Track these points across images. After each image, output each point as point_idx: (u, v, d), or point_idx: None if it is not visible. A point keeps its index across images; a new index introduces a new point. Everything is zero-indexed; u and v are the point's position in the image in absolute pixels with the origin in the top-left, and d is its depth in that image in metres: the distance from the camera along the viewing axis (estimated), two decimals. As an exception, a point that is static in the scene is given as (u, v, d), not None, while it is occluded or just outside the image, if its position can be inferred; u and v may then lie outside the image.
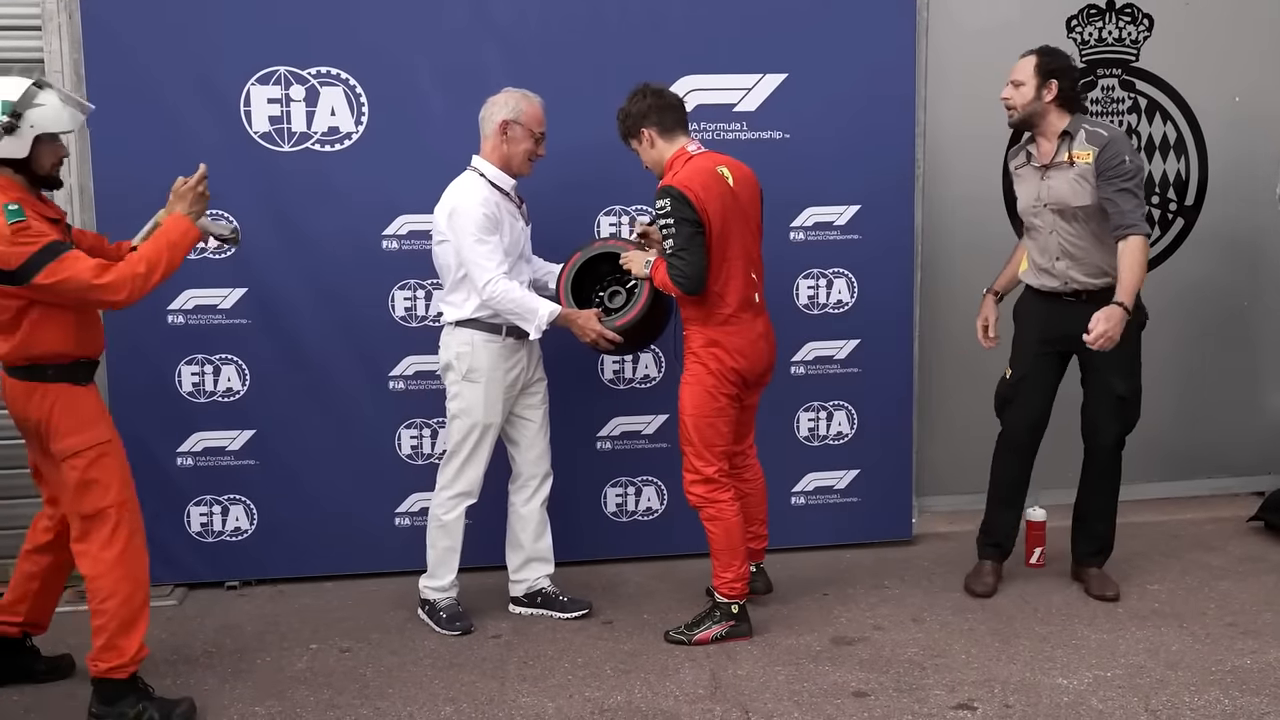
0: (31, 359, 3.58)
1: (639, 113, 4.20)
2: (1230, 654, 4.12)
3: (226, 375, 4.78)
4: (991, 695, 3.84)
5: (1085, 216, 4.38)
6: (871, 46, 4.97)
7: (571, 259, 4.44)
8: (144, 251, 3.64)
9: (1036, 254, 4.55)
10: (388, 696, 3.89)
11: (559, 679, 4.00)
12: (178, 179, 3.80)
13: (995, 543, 4.79)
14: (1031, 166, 4.52)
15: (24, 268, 3.44)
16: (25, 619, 3.95)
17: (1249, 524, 5.47)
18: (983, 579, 4.74)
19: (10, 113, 3.51)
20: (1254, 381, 5.93)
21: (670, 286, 4.10)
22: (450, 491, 4.40)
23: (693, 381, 4.21)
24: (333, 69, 4.68)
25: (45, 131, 3.57)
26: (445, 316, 4.40)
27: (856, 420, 5.21)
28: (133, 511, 3.71)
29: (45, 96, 3.57)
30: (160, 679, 3.97)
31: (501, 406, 4.38)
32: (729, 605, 4.27)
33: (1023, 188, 4.59)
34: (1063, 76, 4.38)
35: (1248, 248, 5.81)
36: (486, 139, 4.32)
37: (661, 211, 4.05)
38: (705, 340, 4.19)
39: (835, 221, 5.06)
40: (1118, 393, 4.52)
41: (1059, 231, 4.45)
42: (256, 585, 4.90)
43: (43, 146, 3.58)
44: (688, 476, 4.26)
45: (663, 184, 4.08)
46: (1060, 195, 4.40)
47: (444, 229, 4.26)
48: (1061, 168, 4.40)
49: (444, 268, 4.35)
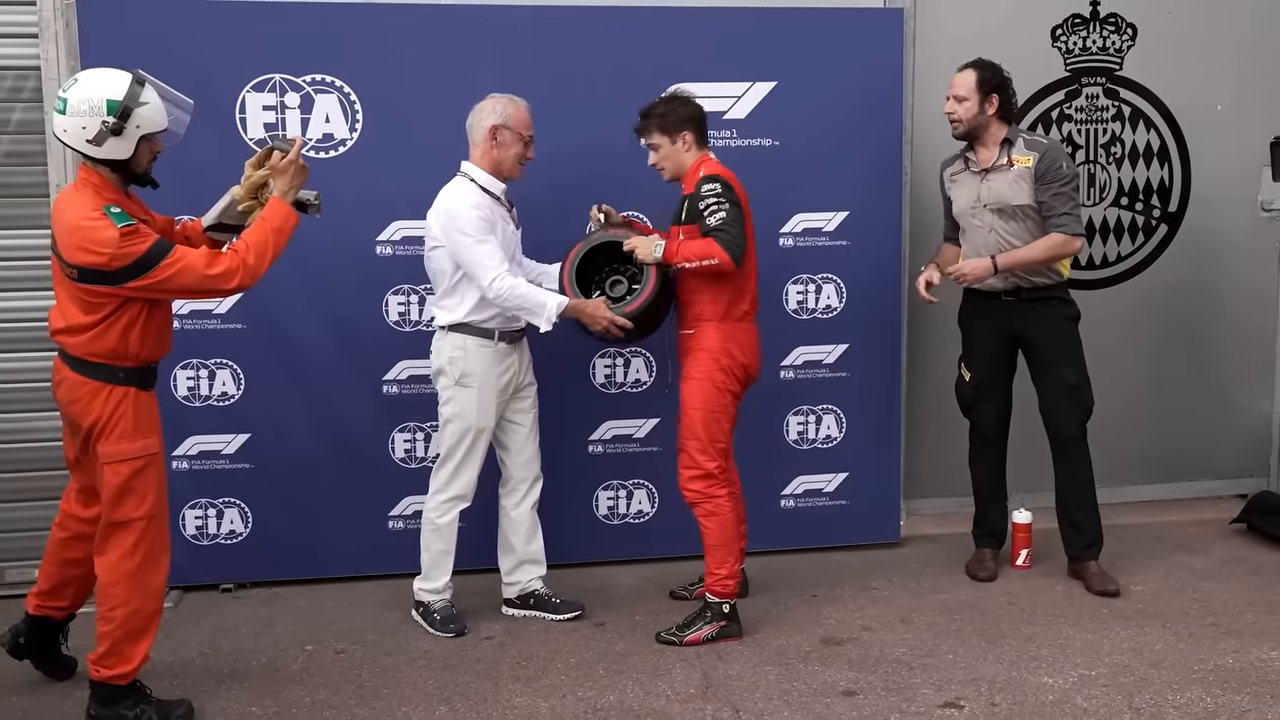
0: (106, 357, 3.54)
1: (686, 116, 4.32)
2: (1212, 653, 4.19)
3: (221, 380, 4.82)
4: (978, 694, 3.90)
5: (1022, 215, 4.66)
6: (860, 55, 5.04)
7: (572, 251, 4.44)
8: (251, 239, 3.64)
9: (978, 250, 4.73)
10: (382, 697, 3.93)
11: (552, 679, 4.05)
12: (257, 155, 3.77)
13: (991, 532, 5.04)
14: (970, 171, 4.78)
15: (134, 266, 3.40)
16: (70, 603, 3.96)
17: (1232, 526, 5.55)
18: (985, 565, 4.96)
19: (119, 113, 3.40)
20: (1237, 385, 6.00)
21: (712, 255, 4.13)
22: (444, 495, 4.43)
23: (701, 377, 4.29)
24: (327, 76, 4.73)
25: (150, 131, 3.49)
26: (437, 321, 4.43)
27: (845, 424, 5.27)
28: (160, 525, 3.68)
29: (148, 94, 3.47)
30: (156, 680, 3.99)
31: (494, 411, 4.42)
32: (720, 605, 4.32)
33: (960, 191, 4.80)
34: (1002, 91, 4.69)
35: (1231, 254, 5.88)
36: (475, 145, 4.36)
37: (712, 192, 4.19)
38: (721, 336, 4.30)
39: (824, 228, 5.12)
40: (1069, 381, 4.75)
41: (997, 230, 4.70)
42: (251, 588, 4.93)
43: (143, 145, 3.51)
44: (686, 473, 4.31)
45: (708, 173, 4.25)
46: (1000, 195, 4.67)
47: (437, 234, 4.29)
48: (1001, 170, 4.68)
49: (437, 273, 4.37)
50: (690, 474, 4.31)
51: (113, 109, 3.38)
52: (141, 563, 3.62)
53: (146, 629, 3.67)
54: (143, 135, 3.47)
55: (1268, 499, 5.55)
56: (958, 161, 4.85)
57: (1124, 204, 5.80)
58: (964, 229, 4.82)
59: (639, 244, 4.33)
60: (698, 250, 4.18)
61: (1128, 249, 5.84)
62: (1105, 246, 5.80)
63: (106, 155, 3.45)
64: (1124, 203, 5.80)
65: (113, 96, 3.39)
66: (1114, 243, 5.82)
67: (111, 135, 3.40)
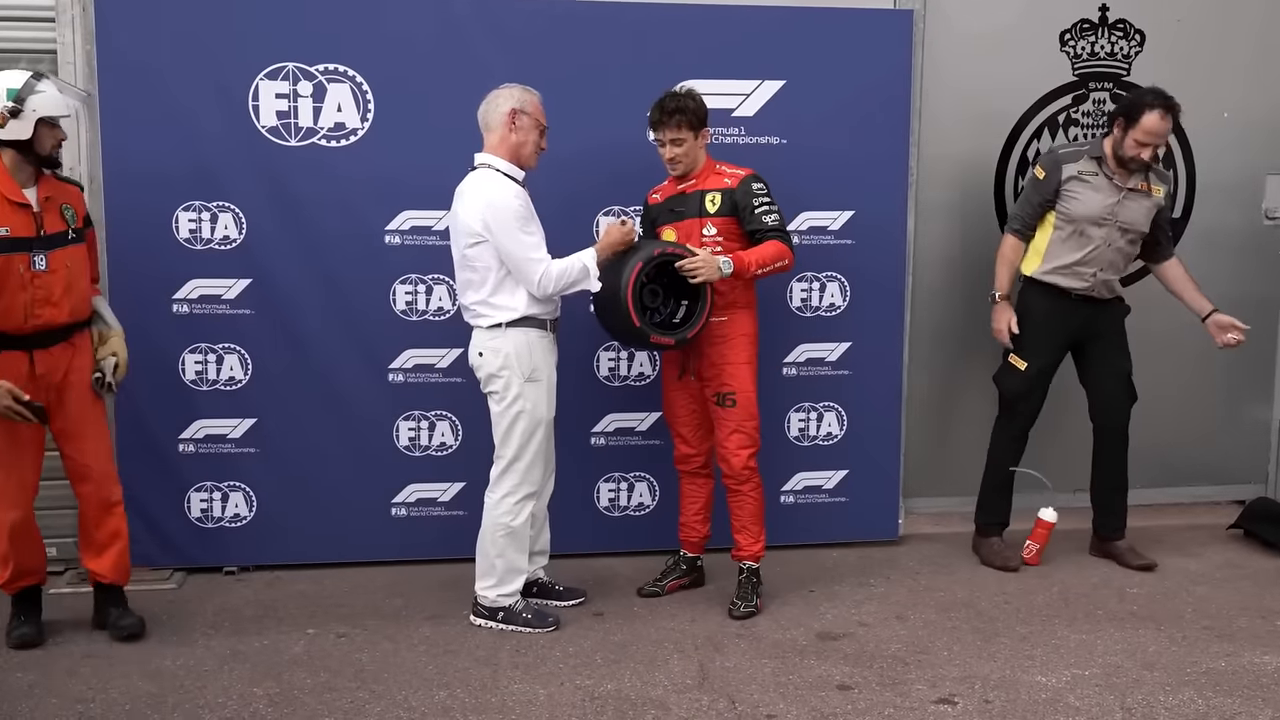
0: None
1: (706, 112, 4.46)
2: (1205, 656, 4.22)
3: (229, 364, 4.86)
4: (972, 691, 3.93)
5: (1137, 240, 4.96)
6: (869, 55, 5.07)
7: (633, 275, 4.24)
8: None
9: (1077, 256, 4.90)
10: (383, 681, 3.97)
11: (550, 667, 4.09)
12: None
13: (1002, 521, 5.20)
14: (1111, 182, 4.87)
15: None
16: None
17: (1228, 532, 5.58)
18: (1003, 553, 5.11)
19: (15, 98, 3.94)
20: (1237, 392, 6.01)
21: (783, 257, 4.39)
22: (516, 496, 4.33)
23: (746, 361, 4.52)
24: (340, 66, 4.77)
25: (45, 116, 3.98)
26: (490, 319, 4.26)
27: (846, 422, 5.30)
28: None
29: (44, 85, 4.02)
30: (160, 660, 4.07)
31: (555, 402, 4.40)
32: (759, 569, 4.60)
33: (1091, 195, 4.88)
34: None
35: (1234, 261, 5.89)
36: (492, 131, 4.28)
37: (762, 191, 4.42)
38: (754, 321, 4.54)
39: (829, 226, 5.15)
40: (1125, 370, 5.08)
41: (1115, 246, 4.91)
42: (254, 571, 4.98)
43: (43, 129, 3.99)
44: (744, 452, 4.50)
45: (748, 172, 4.45)
46: (1134, 218, 4.90)
47: (479, 229, 4.16)
48: (1139, 195, 4.90)
49: (482, 269, 4.21)
50: (750, 451, 4.51)
51: (11, 95, 3.94)
52: None
53: None
54: (40, 118, 3.96)
55: (1265, 505, 5.58)
56: (1088, 161, 4.89)
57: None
58: (1079, 233, 4.90)
59: (704, 264, 4.28)
60: (770, 255, 4.36)
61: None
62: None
63: (8, 136, 3.96)
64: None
65: (11, 85, 3.95)
66: (1118, 247, 5.83)
67: (11, 118, 3.93)
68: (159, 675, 3.98)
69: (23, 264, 3.98)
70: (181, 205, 4.75)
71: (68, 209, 4.14)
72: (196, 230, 4.77)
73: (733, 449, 4.49)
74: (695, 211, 4.44)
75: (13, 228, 3.97)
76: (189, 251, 4.77)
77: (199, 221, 4.77)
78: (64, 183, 4.23)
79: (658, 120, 4.40)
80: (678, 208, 4.49)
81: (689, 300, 4.41)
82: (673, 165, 4.45)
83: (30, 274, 3.99)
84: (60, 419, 4.14)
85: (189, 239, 4.77)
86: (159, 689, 3.88)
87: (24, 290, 3.99)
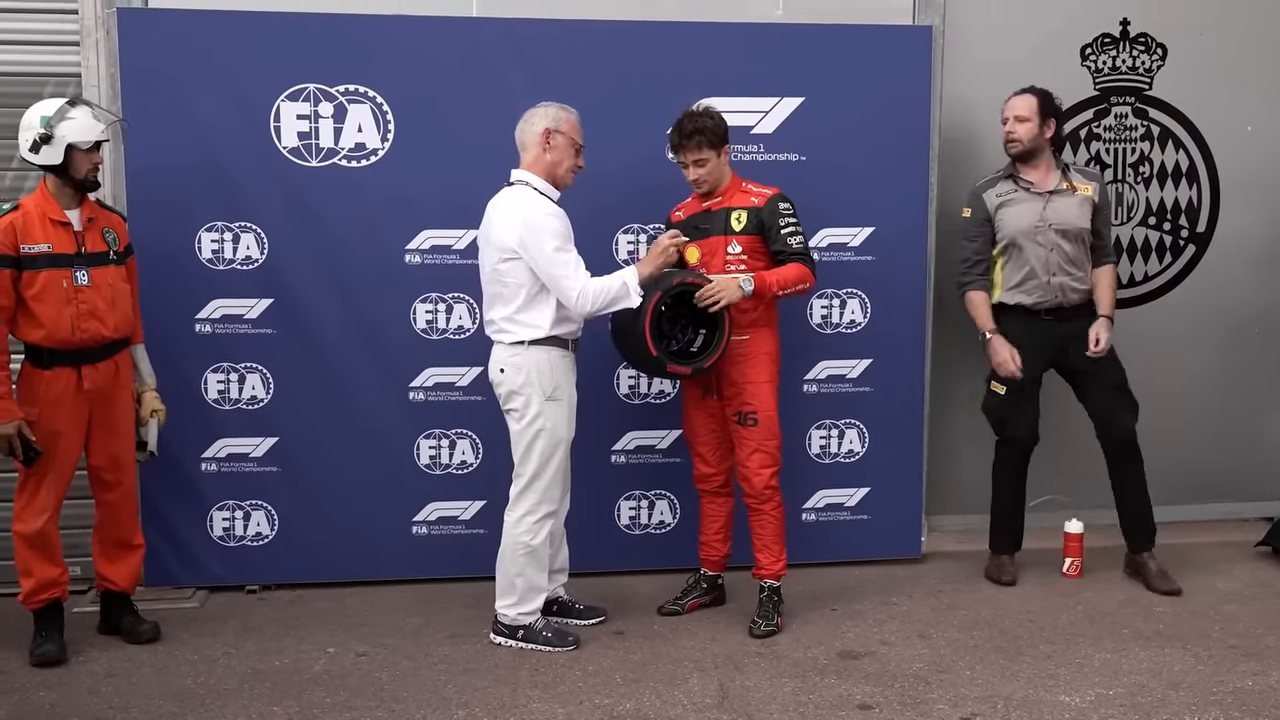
0: None
1: (726, 130, 4.45)
2: (1232, 675, 4.17)
3: (251, 383, 4.89)
4: (994, 711, 3.90)
5: (1079, 239, 4.92)
6: (888, 73, 5.06)
7: (651, 304, 4.23)
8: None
9: (1036, 269, 4.90)
10: (402, 700, 3.97)
11: (569, 686, 4.08)
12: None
13: (1013, 539, 5.18)
14: (1029, 193, 4.92)
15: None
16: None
17: (1257, 549, 5.50)
18: (1006, 570, 5.11)
19: (46, 125, 4.11)
20: (1264, 407, 5.96)
21: (805, 279, 4.42)
22: (536, 515, 4.32)
23: (768, 380, 4.52)
24: (361, 87, 4.81)
25: (74, 141, 4.14)
26: (510, 335, 4.26)
27: (867, 439, 5.28)
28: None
29: (77, 112, 4.17)
30: (181, 679, 4.09)
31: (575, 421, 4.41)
32: (780, 587, 4.60)
33: (1017, 211, 4.91)
34: (1057, 118, 4.96)
35: (1257, 275, 5.85)
36: (528, 150, 4.29)
37: (789, 212, 4.43)
38: (776, 340, 4.56)
39: (849, 243, 5.14)
40: (1116, 382, 4.98)
41: (1058, 249, 4.90)
42: (276, 590, 5.00)
43: (76, 155, 4.15)
44: (766, 471, 4.50)
45: (775, 191, 4.46)
46: (1067, 217, 4.90)
47: (513, 245, 4.15)
48: (1064, 194, 4.92)
49: (514, 285, 4.20)
50: (771, 471, 4.50)
51: (44, 122, 4.11)
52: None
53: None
54: (69, 144, 4.12)
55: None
56: (1003, 183, 4.94)
57: (1152, 224, 5.79)
58: (1017, 249, 4.91)
59: (724, 288, 4.27)
60: (793, 277, 4.38)
61: (1155, 269, 5.82)
62: (1132, 266, 5.78)
63: (43, 161, 4.14)
64: (1152, 222, 5.79)
65: (45, 113, 4.13)
66: (1141, 262, 5.80)
67: (43, 144, 4.11)
68: (180, 694, 4.00)
69: (65, 279, 4.16)
70: (204, 226, 4.79)
71: (109, 232, 4.34)
72: (219, 251, 4.81)
73: (754, 468, 4.48)
74: (721, 229, 4.44)
75: (55, 244, 4.16)
76: (211, 272, 4.81)
77: (221, 242, 4.81)
78: (108, 210, 4.43)
79: (678, 143, 4.41)
80: (703, 225, 4.49)
81: (707, 329, 4.41)
82: (698, 185, 4.45)
83: (74, 289, 4.18)
84: (100, 433, 4.32)
85: (211, 259, 4.81)
86: (180, 708, 3.90)
87: (69, 304, 4.17)
